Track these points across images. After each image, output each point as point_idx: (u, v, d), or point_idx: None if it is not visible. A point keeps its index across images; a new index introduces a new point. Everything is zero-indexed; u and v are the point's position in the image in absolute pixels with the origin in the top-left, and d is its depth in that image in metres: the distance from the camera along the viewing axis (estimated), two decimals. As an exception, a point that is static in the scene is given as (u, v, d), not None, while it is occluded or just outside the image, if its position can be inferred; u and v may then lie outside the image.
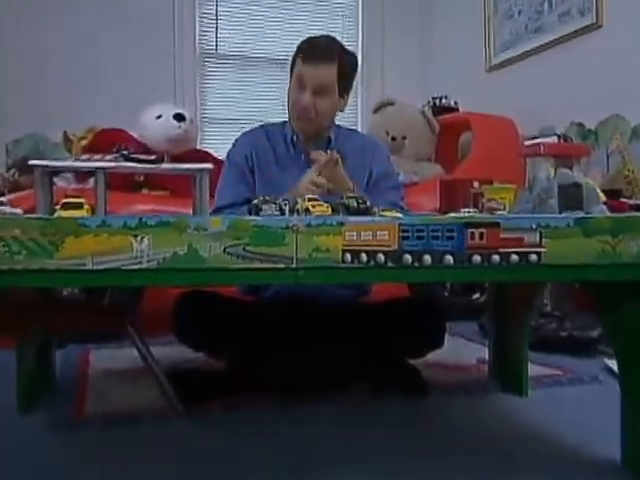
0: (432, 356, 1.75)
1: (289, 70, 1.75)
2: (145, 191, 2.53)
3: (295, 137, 1.75)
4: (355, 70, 1.75)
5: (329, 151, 1.66)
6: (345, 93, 1.74)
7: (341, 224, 0.98)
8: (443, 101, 3.38)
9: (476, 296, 2.65)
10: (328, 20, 4.15)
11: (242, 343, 1.68)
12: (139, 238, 0.91)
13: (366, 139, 1.87)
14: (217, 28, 3.90)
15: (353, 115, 4.15)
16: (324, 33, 1.77)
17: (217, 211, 1.63)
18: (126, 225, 0.91)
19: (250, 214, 1.16)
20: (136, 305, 2.13)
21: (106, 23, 3.60)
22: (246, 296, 1.76)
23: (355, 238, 0.98)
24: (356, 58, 1.76)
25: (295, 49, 1.73)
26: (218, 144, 3.74)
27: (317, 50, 1.66)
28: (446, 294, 2.62)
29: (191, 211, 1.13)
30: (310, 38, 1.72)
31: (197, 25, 3.86)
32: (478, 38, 3.67)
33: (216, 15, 3.90)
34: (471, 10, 3.76)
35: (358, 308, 1.76)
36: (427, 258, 0.96)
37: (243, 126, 3.94)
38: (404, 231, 0.97)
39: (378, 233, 0.97)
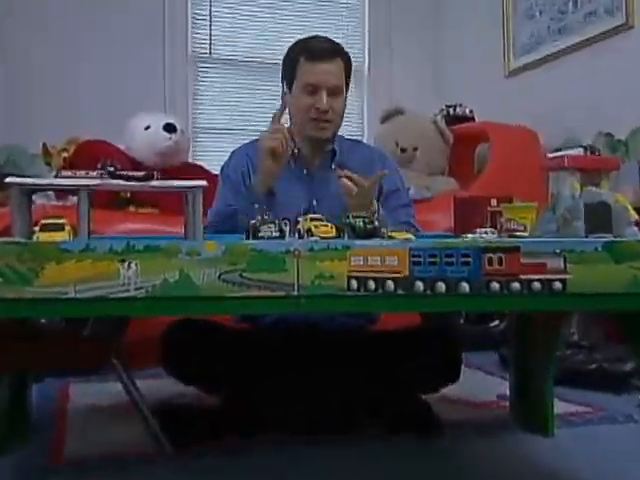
0: (447, 391, 1.75)
1: (283, 75, 1.77)
2: (132, 208, 2.56)
3: (297, 149, 1.77)
4: (352, 68, 1.81)
5: (335, 166, 1.69)
6: (346, 93, 1.79)
7: (346, 248, 0.99)
8: (457, 109, 3.41)
9: (495, 324, 2.65)
10: (331, 21, 4.19)
11: (238, 376, 1.68)
12: (126, 264, 0.92)
13: (373, 151, 1.90)
14: (211, 29, 3.95)
15: (359, 125, 4.18)
16: (321, 35, 1.82)
17: (210, 226, 1.64)
18: (112, 250, 0.92)
19: (248, 237, 1.17)
20: (120, 334, 2.14)
21: (89, 25, 3.63)
22: (242, 324, 1.77)
23: (362, 263, 0.99)
24: (351, 58, 1.82)
25: (289, 50, 1.77)
26: (212, 156, 3.77)
27: (324, 48, 1.72)
28: (462, 322, 2.62)
29: (182, 230, 1.14)
30: (307, 38, 1.77)
31: (189, 26, 3.91)
32: (496, 40, 3.71)
33: (210, 15, 3.95)
34: (488, 10, 3.81)
35: (365, 337, 1.76)
36: (441, 285, 0.97)
37: (240, 137, 4.00)
38: (415, 256, 0.98)
39: (387, 258, 0.98)
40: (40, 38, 3.55)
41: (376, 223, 1.19)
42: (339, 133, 1.83)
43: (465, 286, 0.97)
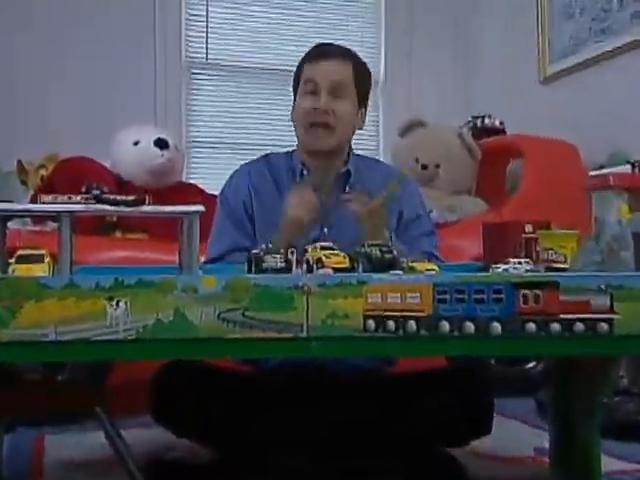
0: (477, 444, 1.74)
1: (292, 87, 1.80)
2: (118, 234, 2.58)
3: (306, 170, 1.79)
4: (371, 82, 1.83)
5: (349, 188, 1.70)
6: (363, 107, 1.80)
7: (362, 283, 1.00)
8: (486, 121, 3.42)
9: (531, 365, 2.64)
10: (343, 22, 4.23)
11: (237, 426, 1.68)
12: (114, 302, 0.93)
13: (393, 172, 1.91)
14: (207, 31, 3.99)
15: (374, 139, 4.21)
16: (333, 41, 1.88)
17: (208, 263, 1.66)
18: (99, 286, 0.93)
19: (250, 268, 1.18)
20: (103, 378, 2.15)
21: (72, 27, 3.65)
22: (243, 366, 1.77)
23: (380, 301, 0.99)
24: (368, 68, 1.84)
25: (298, 63, 1.80)
26: (209, 174, 3.80)
27: (328, 48, 1.77)
28: (493, 362, 2.61)
29: (176, 259, 1.15)
30: (317, 44, 1.82)
31: (183, 28, 3.94)
32: (529, 43, 3.73)
33: (206, 16, 3.99)
34: (520, 9, 3.83)
35: (381, 381, 1.76)
36: (469, 326, 0.98)
37: (240, 152, 4.03)
38: (440, 292, 0.99)
39: (408, 295, 0.99)
40: (19, 40, 3.57)
41: (394, 252, 1.20)
42: (356, 151, 1.85)
43: (497, 327, 0.98)
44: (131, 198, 1.21)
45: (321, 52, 1.74)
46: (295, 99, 1.80)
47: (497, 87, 3.95)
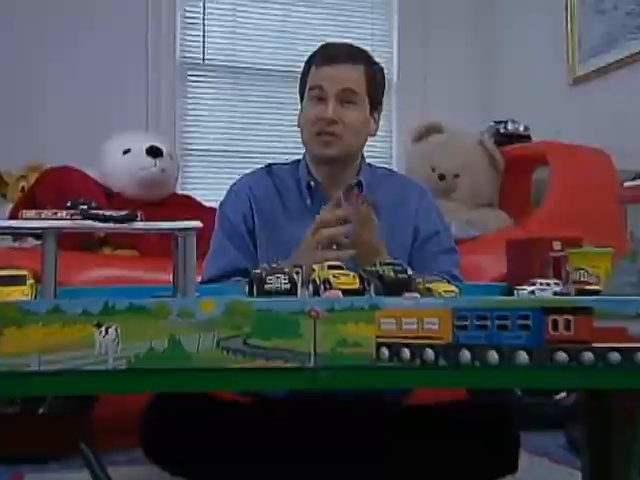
0: (501, 484, 1.73)
1: (299, 89, 1.82)
2: (106, 250, 2.59)
3: (313, 182, 1.80)
4: (384, 84, 1.84)
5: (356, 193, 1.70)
6: (375, 112, 1.81)
7: (375, 308, 1.00)
8: (509, 126, 3.43)
9: (561, 396, 2.62)
10: (351, 18, 4.27)
11: (237, 462, 1.68)
12: (103, 329, 0.94)
13: (408, 183, 1.92)
14: (204, 31, 4.02)
15: (385, 146, 4.22)
16: (341, 39, 1.89)
17: (205, 284, 1.66)
18: (86, 311, 0.94)
19: (251, 290, 1.18)
20: (88, 410, 2.15)
21: (56, 24, 3.67)
22: (243, 397, 1.77)
23: (394, 327, 0.99)
24: (383, 69, 1.84)
25: (304, 63, 1.81)
26: (205, 185, 3.82)
27: (337, 50, 1.76)
28: (519, 393, 2.60)
29: (170, 279, 1.16)
30: (325, 44, 1.82)
31: (178, 26, 3.97)
32: (557, 40, 3.74)
33: (203, 14, 4.02)
34: (547, 3, 3.85)
35: (396, 414, 1.76)
36: (493, 355, 0.97)
37: (239, 161, 4.04)
38: (460, 318, 0.99)
39: (426, 320, 0.99)
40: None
41: (410, 272, 1.20)
42: (368, 161, 1.86)
43: (523, 356, 0.97)
44: (122, 214, 1.22)
45: (329, 55, 1.75)
46: (302, 102, 1.81)
47: (522, 89, 3.95)
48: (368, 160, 1.90)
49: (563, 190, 2.99)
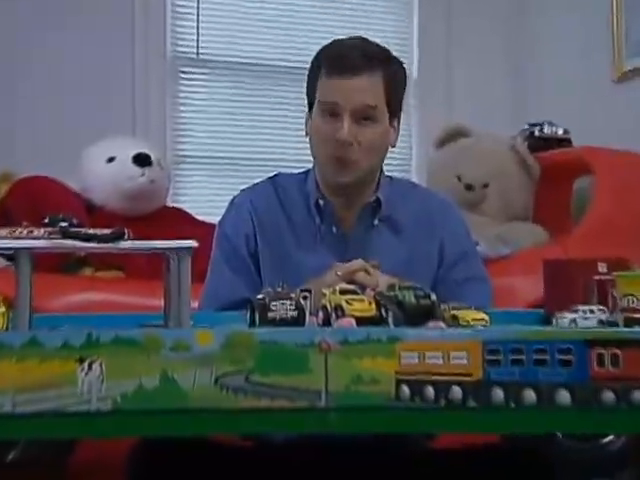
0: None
1: (306, 93, 1.82)
2: (88, 272, 2.59)
3: (322, 199, 1.80)
4: (405, 83, 1.83)
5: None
6: (396, 119, 1.81)
7: (395, 340, 1.00)
8: (545, 129, 3.43)
9: (609, 440, 2.60)
10: (363, 7, 4.25)
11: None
12: (86, 364, 0.94)
13: (430, 197, 1.93)
14: (198, 22, 4.01)
15: (404, 152, 4.21)
16: (352, 34, 1.84)
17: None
18: (67, 344, 0.94)
19: (253, 318, 1.18)
20: (67, 455, 2.14)
21: (28, 16, 3.64)
22: (244, 440, 1.77)
23: (417, 362, 0.99)
24: (404, 66, 1.83)
25: (313, 59, 1.80)
26: (201, 197, 3.82)
27: (351, 55, 1.73)
28: (560, 436, 2.58)
29: (161, 304, 1.16)
30: (335, 42, 1.80)
31: (169, 18, 3.95)
32: (600, 33, 3.72)
33: (197, 4, 3.99)
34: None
35: (418, 458, 1.75)
36: (529, 395, 0.97)
37: (239, 169, 4.03)
38: (492, 351, 0.98)
39: (452, 355, 0.99)
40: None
41: (433, 297, 1.20)
42: (387, 173, 1.87)
43: (564, 395, 0.97)
44: (107, 232, 1.22)
45: (343, 63, 1.71)
46: (310, 109, 1.81)
47: (560, 88, 3.94)
48: (384, 169, 1.90)
49: (609, 202, 2.98)
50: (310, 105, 1.80)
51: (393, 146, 1.84)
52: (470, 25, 4.23)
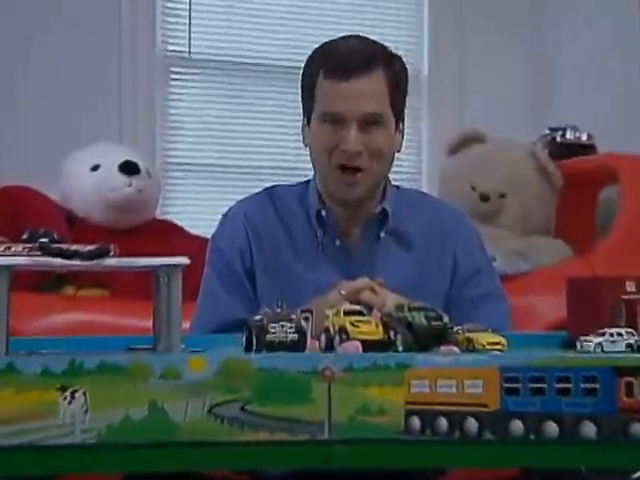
0: None
1: (302, 98, 1.82)
2: (69, 290, 2.59)
3: (324, 210, 1.80)
4: (407, 78, 1.83)
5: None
6: (400, 122, 1.81)
7: (404, 366, 1.00)
8: (568, 134, 3.42)
9: (637, 475, 2.58)
10: (369, 1, 4.26)
11: None
12: (69, 393, 0.94)
13: (441, 207, 1.93)
14: (190, 18, 4.01)
15: (414, 159, 4.21)
16: (354, 34, 1.85)
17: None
18: (47, 372, 0.94)
19: (250, 342, 1.18)
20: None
21: (8, 11, 3.62)
22: (239, 475, 1.76)
23: (428, 391, 0.99)
24: (404, 61, 1.84)
25: (308, 61, 1.80)
26: (193, 208, 3.82)
27: (352, 59, 1.72)
28: (583, 471, 2.57)
29: (150, 325, 1.16)
30: (331, 44, 1.79)
31: (158, 15, 3.95)
32: (629, 26, 3.72)
33: (189, 1, 4.00)
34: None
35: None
36: (551, 427, 0.96)
37: (234, 178, 4.02)
38: (510, 380, 0.98)
39: (467, 383, 0.99)
40: None
41: (445, 318, 1.20)
42: (395, 182, 1.88)
43: (590, 428, 0.97)
44: (91, 249, 1.22)
45: (342, 66, 1.70)
46: (306, 115, 1.80)
47: (584, 88, 3.95)
48: (392, 178, 1.90)
49: (637, 214, 2.97)
50: (307, 112, 1.80)
51: (398, 151, 1.84)
52: (484, 20, 4.23)
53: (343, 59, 1.72)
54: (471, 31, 4.22)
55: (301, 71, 1.82)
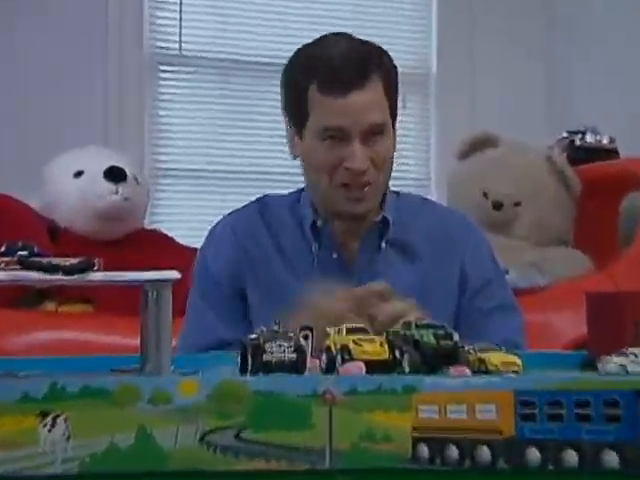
0: None
1: (285, 105, 1.80)
2: (50, 306, 2.59)
3: (320, 220, 1.80)
4: (397, 73, 1.81)
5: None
6: (395, 120, 1.81)
7: (410, 389, 1.00)
8: (588, 137, 3.43)
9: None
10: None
11: None
12: (50, 419, 0.93)
13: (447, 214, 1.95)
14: (181, 12, 4.03)
15: (421, 163, 4.21)
16: (339, 33, 1.82)
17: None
18: (27, 397, 0.93)
19: (245, 363, 1.18)
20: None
21: None
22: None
23: (437, 416, 0.99)
24: (390, 55, 1.81)
25: (293, 67, 1.77)
26: (183, 216, 3.83)
27: (347, 67, 1.69)
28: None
29: (137, 344, 1.16)
30: (318, 46, 1.77)
31: (146, 9, 3.98)
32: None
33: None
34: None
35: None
36: (570, 456, 0.96)
37: (228, 184, 4.02)
38: (525, 404, 0.98)
39: (479, 408, 0.98)
40: None
41: (455, 337, 1.20)
42: (400, 189, 1.89)
43: (612, 457, 0.96)
44: (74, 262, 1.22)
45: (339, 78, 1.67)
46: (295, 126, 1.78)
47: (605, 87, 3.95)
48: (398, 184, 1.91)
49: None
50: (297, 123, 1.78)
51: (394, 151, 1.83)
52: (495, 15, 4.26)
53: (337, 71, 1.69)
54: (481, 27, 4.25)
55: (283, 75, 1.79)
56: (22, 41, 3.68)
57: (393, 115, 1.79)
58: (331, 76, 1.68)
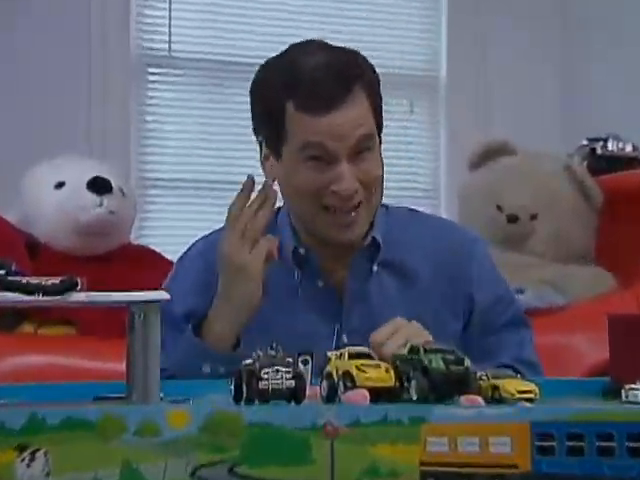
0: None
1: (257, 124, 1.76)
2: (29, 328, 2.59)
3: (302, 248, 1.76)
4: (379, 82, 1.76)
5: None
6: (381, 130, 1.77)
7: (419, 420, 1.00)
8: (610, 146, 3.43)
9: None
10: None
11: None
12: (27, 454, 0.93)
13: (450, 231, 1.92)
14: (171, 12, 4.02)
15: (430, 172, 4.22)
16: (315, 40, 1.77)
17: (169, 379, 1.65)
18: (4, 429, 0.93)
19: (239, 391, 1.18)
20: None
21: None
22: None
23: (447, 450, 0.99)
24: (371, 63, 1.76)
25: (265, 81, 1.72)
26: (173, 230, 3.83)
27: (327, 82, 1.64)
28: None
29: (123, 369, 1.15)
30: (292, 56, 1.71)
31: (133, 7, 3.97)
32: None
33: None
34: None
35: None
36: (592, 492, 0.96)
37: (220, 195, 4.02)
38: (542, 436, 0.98)
39: (492, 440, 0.98)
40: None
41: (467, 362, 1.20)
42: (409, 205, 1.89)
43: (635, 494, 0.96)
44: (56, 282, 1.22)
45: (319, 94, 1.62)
46: (269, 146, 1.75)
47: (627, 91, 3.96)
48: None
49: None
50: (271, 143, 1.75)
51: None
52: (509, 12, 4.27)
53: (317, 86, 1.64)
54: (493, 27, 4.26)
55: (253, 92, 1.75)
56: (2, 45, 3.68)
57: (379, 126, 1.74)
58: (311, 93, 1.63)
